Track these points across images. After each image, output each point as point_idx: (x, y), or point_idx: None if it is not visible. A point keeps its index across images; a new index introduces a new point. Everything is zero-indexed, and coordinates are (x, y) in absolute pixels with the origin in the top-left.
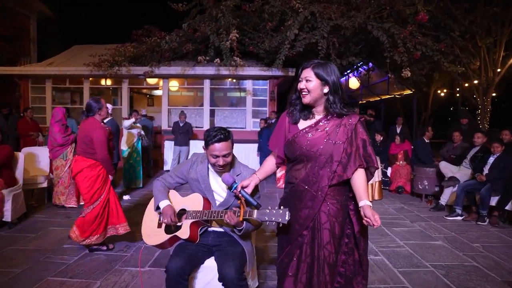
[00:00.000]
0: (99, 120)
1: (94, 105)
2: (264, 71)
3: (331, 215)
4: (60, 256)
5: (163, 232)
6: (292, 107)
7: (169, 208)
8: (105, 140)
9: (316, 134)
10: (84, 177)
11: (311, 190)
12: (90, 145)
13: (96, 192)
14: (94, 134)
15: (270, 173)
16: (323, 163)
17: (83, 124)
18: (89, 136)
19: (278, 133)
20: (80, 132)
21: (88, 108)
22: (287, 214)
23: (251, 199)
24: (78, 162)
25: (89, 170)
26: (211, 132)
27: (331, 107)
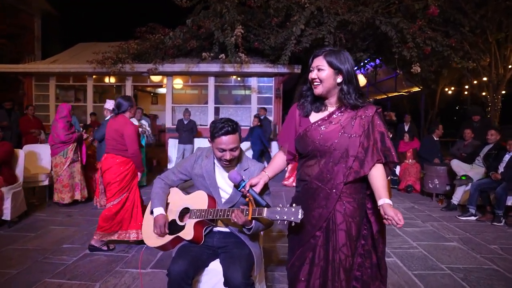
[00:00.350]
0: (128, 117)
1: (124, 103)
2: (270, 67)
3: (347, 215)
4: (59, 256)
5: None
6: (302, 99)
7: (161, 218)
8: (136, 136)
9: (329, 127)
10: (113, 174)
11: (325, 187)
12: (121, 141)
13: (120, 190)
14: (125, 130)
15: (280, 170)
16: (338, 158)
17: (113, 122)
18: (120, 132)
19: (288, 127)
20: (109, 129)
21: (118, 105)
22: (300, 212)
23: (260, 199)
24: (108, 160)
25: (118, 167)
26: (218, 124)
27: (345, 98)
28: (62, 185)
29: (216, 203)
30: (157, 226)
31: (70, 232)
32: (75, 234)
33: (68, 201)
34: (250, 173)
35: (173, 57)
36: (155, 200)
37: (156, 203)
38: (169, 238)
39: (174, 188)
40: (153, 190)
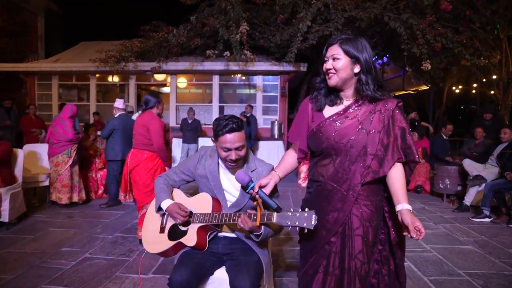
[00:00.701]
0: (155, 113)
1: (152, 99)
2: (275, 65)
3: (364, 219)
4: (57, 260)
5: (166, 238)
6: (315, 92)
7: (174, 206)
8: (162, 131)
9: (346, 122)
10: (142, 171)
11: (340, 189)
12: (147, 136)
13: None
14: (151, 124)
15: (292, 170)
16: (355, 156)
17: (140, 118)
18: (146, 126)
19: (299, 122)
20: (136, 125)
21: (146, 102)
22: (314, 218)
23: (270, 201)
24: (135, 156)
25: (146, 163)
26: (221, 121)
27: (363, 89)
28: (62, 185)
29: (221, 207)
30: (175, 214)
31: (69, 235)
32: (75, 237)
33: (66, 201)
34: (258, 174)
35: (177, 56)
36: (160, 194)
37: (163, 196)
38: (171, 244)
39: (176, 189)
40: (156, 186)
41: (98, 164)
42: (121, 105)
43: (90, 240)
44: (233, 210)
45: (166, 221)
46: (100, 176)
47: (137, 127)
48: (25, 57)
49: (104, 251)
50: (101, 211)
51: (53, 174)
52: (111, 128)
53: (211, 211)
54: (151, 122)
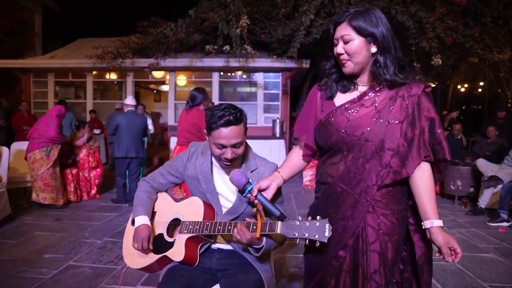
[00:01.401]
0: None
1: (198, 95)
2: (277, 62)
3: (383, 232)
4: (37, 269)
5: (150, 251)
6: (325, 78)
7: (144, 229)
8: None
9: (360, 111)
10: None
11: (352, 192)
12: (197, 134)
13: None
14: (202, 123)
15: (298, 171)
16: (371, 152)
17: (187, 114)
18: (197, 125)
19: (307, 113)
20: (183, 122)
21: (193, 98)
22: (327, 229)
23: (272, 207)
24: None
25: None
26: (216, 112)
27: (381, 73)
28: (44, 184)
29: (215, 214)
30: (138, 240)
31: (55, 239)
32: (61, 242)
33: (49, 201)
34: (259, 175)
35: (176, 52)
36: (137, 206)
37: (139, 210)
38: (155, 258)
39: (163, 193)
40: (137, 194)
41: (91, 162)
42: (130, 102)
43: (77, 245)
44: (229, 218)
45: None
46: (93, 176)
47: (184, 124)
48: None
49: (90, 258)
50: (92, 213)
51: (31, 172)
52: (114, 124)
53: (202, 219)
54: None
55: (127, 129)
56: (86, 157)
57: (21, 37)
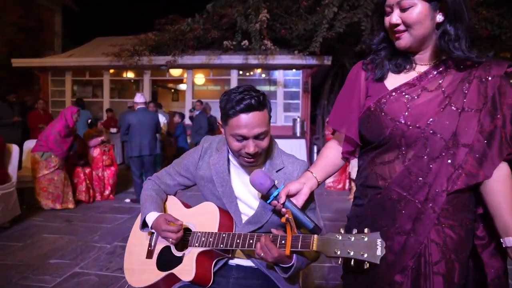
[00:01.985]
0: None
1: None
2: (298, 59)
3: (449, 249)
4: (41, 276)
5: (155, 266)
6: (372, 55)
7: (159, 219)
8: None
9: (423, 96)
10: None
11: (413, 199)
12: None
13: None
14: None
15: (334, 171)
16: (439, 149)
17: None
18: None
19: (347, 98)
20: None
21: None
22: (380, 245)
23: (304, 217)
24: None
25: None
26: (234, 95)
27: (452, 48)
28: (40, 188)
29: (233, 223)
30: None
31: (63, 243)
32: (69, 245)
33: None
34: (286, 175)
35: (193, 49)
36: (146, 203)
37: (149, 207)
38: (160, 276)
39: (171, 196)
40: (143, 193)
41: (105, 160)
42: (140, 100)
43: (85, 249)
44: (250, 229)
45: (155, 241)
46: (107, 175)
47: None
48: (42, 54)
49: (97, 265)
50: (104, 215)
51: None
52: (126, 124)
53: (218, 230)
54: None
55: (139, 127)
56: (100, 156)
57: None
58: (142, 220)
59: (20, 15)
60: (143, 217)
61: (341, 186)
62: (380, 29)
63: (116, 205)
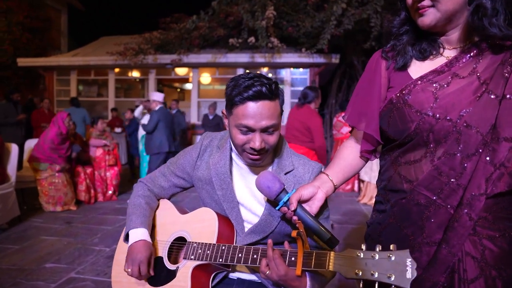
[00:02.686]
0: (314, 109)
1: (310, 93)
2: (305, 57)
3: (489, 264)
4: (34, 281)
5: (145, 280)
6: (393, 40)
7: (141, 247)
8: (322, 128)
9: (454, 84)
10: None
11: (444, 204)
12: (305, 133)
13: None
14: (311, 121)
15: (353, 173)
16: (475, 145)
17: (296, 112)
18: (306, 123)
19: (365, 90)
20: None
21: (305, 95)
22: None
23: (318, 227)
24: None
25: None
26: (242, 80)
27: (488, 25)
28: (42, 191)
29: (234, 233)
30: (134, 262)
31: (61, 245)
32: (66, 249)
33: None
34: (296, 178)
35: (199, 48)
36: (132, 216)
37: (135, 220)
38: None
39: (164, 200)
40: (131, 200)
41: (109, 160)
42: (160, 98)
43: (83, 253)
44: (254, 239)
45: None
46: (110, 176)
47: (293, 121)
48: (48, 53)
49: (94, 270)
50: (106, 216)
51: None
52: (156, 121)
53: (216, 240)
54: (312, 119)
55: (164, 124)
56: (103, 155)
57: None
58: (125, 233)
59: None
60: (127, 230)
61: (350, 187)
62: (401, 8)
63: (118, 206)
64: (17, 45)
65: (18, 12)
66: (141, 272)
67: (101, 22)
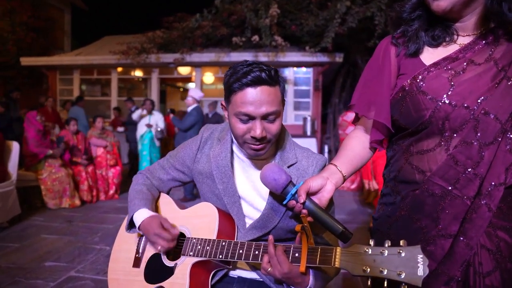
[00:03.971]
0: None
1: None
2: (309, 56)
3: (504, 256)
4: (33, 280)
5: (142, 277)
6: (404, 25)
7: (153, 220)
8: None
9: (470, 71)
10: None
11: (461, 195)
12: None
13: None
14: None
15: (361, 164)
16: (494, 133)
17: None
18: None
19: (374, 77)
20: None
21: None
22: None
23: (330, 220)
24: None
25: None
26: (240, 67)
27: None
28: (46, 188)
29: (235, 228)
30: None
31: (61, 244)
32: (66, 247)
33: (53, 207)
34: (299, 172)
35: (202, 47)
36: (135, 200)
37: (138, 203)
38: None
39: (163, 195)
40: (132, 188)
41: (109, 160)
42: (197, 96)
43: (83, 252)
44: (255, 235)
45: (143, 247)
46: (112, 175)
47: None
48: (51, 53)
49: (94, 269)
50: (107, 214)
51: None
52: (194, 121)
53: (216, 236)
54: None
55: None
56: (104, 155)
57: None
58: (129, 218)
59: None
60: (130, 215)
61: (355, 186)
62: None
63: (119, 205)
64: (21, 45)
65: (21, 12)
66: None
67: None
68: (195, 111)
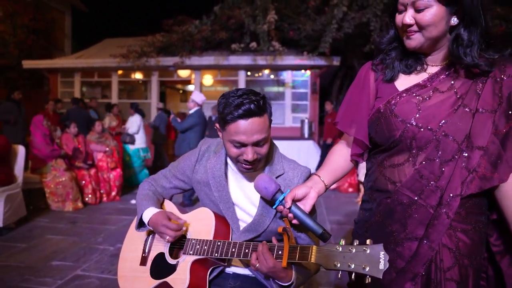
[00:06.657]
0: None
1: None
2: (306, 59)
3: (462, 254)
4: (42, 278)
5: (148, 274)
6: (381, 55)
7: (160, 215)
8: None
9: (434, 97)
10: None
11: (425, 204)
12: None
13: None
14: None
15: (342, 175)
16: (452, 152)
17: None
18: None
19: (355, 99)
20: None
21: None
22: (383, 259)
23: (312, 223)
24: None
25: None
26: (232, 99)
27: (462, 54)
28: (50, 191)
29: (230, 231)
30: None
31: (66, 244)
32: (72, 247)
33: (56, 209)
34: (286, 181)
35: (201, 50)
36: (144, 201)
37: (146, 204)
38: (153, 284)
39: (166, 201)
40: (140, 193)
41: (110, 163)
42: (199, 100)
43: (88, 251)
44: (248, 237)
45: (149, 246)
46: (113, 177)
47: None
48: (52, 55)
49: (99, 268)
50: (109, 216)
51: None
52: (192, 124)
53: (213, 237)
54: None
55: (200, 129)
56: (105, 158)
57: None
58: (138, 218)
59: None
60: (139, 215)
61: (352, 189)
62: (390, 26)
63: (121, 207)
64: (22, 48)
65: (23, 15)
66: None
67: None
68: (196, 114)
